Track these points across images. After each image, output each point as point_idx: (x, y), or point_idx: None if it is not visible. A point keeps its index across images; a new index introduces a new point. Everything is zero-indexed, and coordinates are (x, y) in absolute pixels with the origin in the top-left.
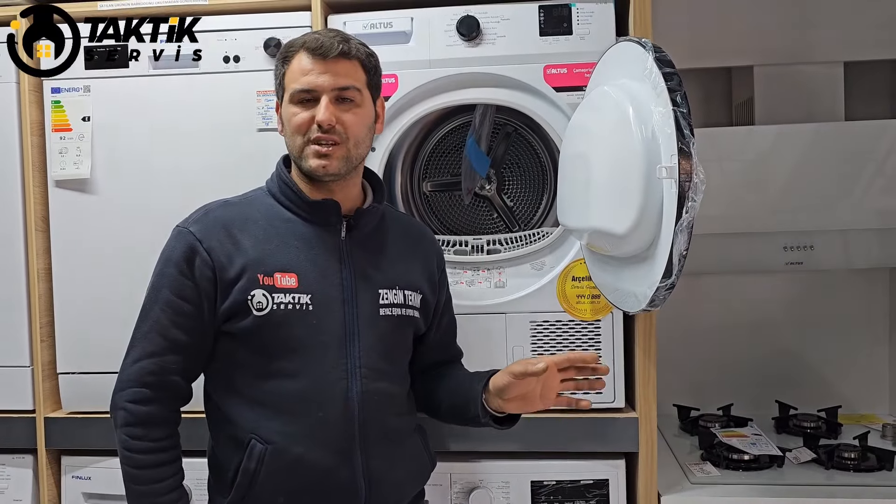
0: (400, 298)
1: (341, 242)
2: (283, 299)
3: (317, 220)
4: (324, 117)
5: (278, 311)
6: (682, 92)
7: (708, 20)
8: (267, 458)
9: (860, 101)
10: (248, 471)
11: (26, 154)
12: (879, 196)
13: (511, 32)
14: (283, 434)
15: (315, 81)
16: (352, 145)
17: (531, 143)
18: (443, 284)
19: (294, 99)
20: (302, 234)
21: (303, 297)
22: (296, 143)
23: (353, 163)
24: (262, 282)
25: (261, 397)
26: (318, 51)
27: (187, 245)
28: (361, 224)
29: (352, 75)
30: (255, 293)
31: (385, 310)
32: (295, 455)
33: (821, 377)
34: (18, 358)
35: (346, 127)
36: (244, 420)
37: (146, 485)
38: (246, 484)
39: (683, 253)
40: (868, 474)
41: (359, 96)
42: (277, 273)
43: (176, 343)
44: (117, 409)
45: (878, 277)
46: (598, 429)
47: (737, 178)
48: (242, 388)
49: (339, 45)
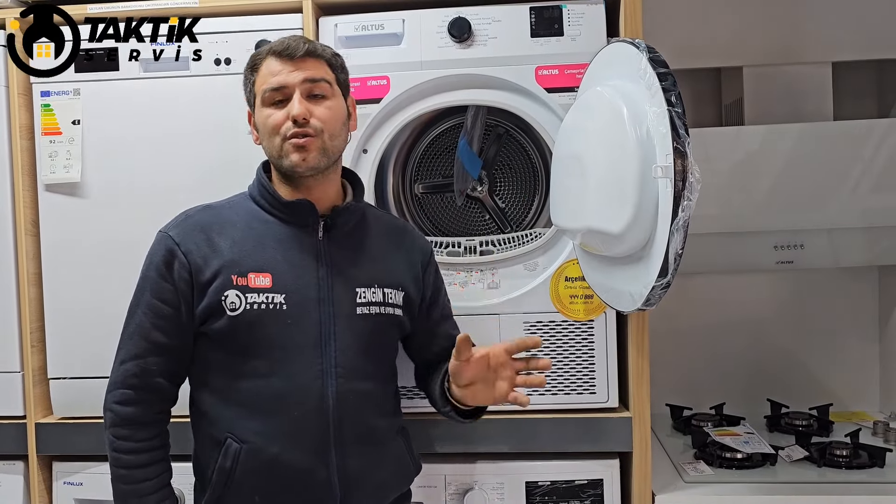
0: (379, 297)
1: (318, 242)
2: (257, 299)
3: (294, 221)
4: (298, 111)
5: (251, 310)
6: (676, 92)
7: (697, 21)
8: (242, 458)
9: (848, 101)
10: (224, 470)
11: (16, 157)
12: (868, 195)
13: (502, 34)
14: (259, 433)
15: (286, 79)
16: (327, 137)
17: (523, 144)
18: (429, 279)
19: (266, 101)
20: (279, 234)
21: (277, 296)
22: (273, 144)
23: (331, 156)
24: (236, 282)
25: (237, 397)
26: (285, 52)
27: (166, 249)
28: (339, 223)
29: (320, 70)
30: (229, 293)
31: (363, 308)
32: (270, 455)
33: (812, 375)
34: (9, 363)
35: (320, 120)
36: (221, 419)
37: (131, 484)
38: (222, 483)
39: (679, 252)
40: (860, 471)
41: (329, 90)
42: (251, 273)
43: (157, 345)
44: (105, 410)
45: (867, 276)
46: (592, 429)
47: (727, 178)
48: (219, 387)
49: (305, 45)
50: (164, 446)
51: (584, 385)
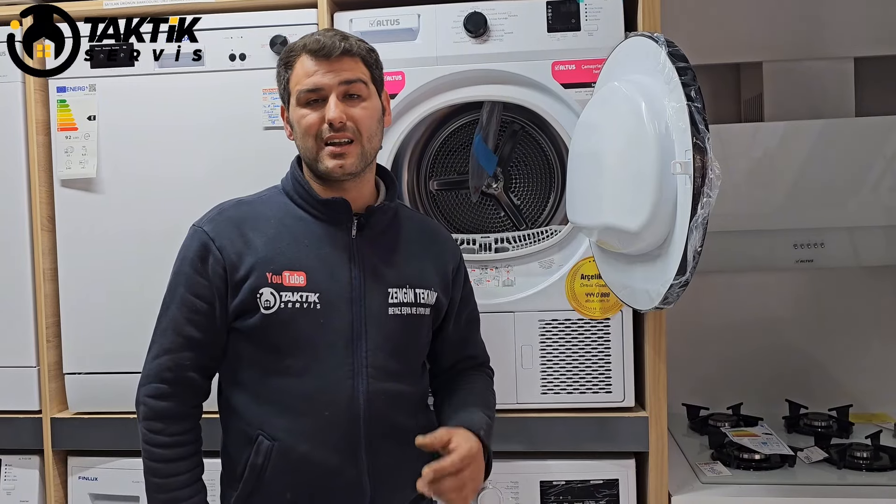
0: (410, 297)
1: (351, 241)
2: (291, 298)
3: (328, 219)
4: (334, 115)
5: (286, 309)
6: (696, 87)
7: (716, 16)
8: (274, 455)
9: (871, 97)
10: (256, 466)
11: (32, 153)
12: (890, 193)
13: (518, 29)
14: (290, 432)
15: (321, 81)
16: (365, 140)
17: (538, 140)
18: (458, 284)
19: (301, 101)
20: (313, 232)
21: (311, 295)
22: (308, 146)
23: (368, 158)
24: (271, 280)
25: (268, 394)
26: (321, 52)
27: (201, 243)
28: (372, 222)
29: (356, 70)
30: (264, 291)
31: (394, 309)
32: (301, 453)
33: (832, 376)
34: (25, 358)
35: (357, 122)
36: (252, 416)
37: (163, 478)
38: (253, 479)
39: (698, 249)
40: (880, 474)
41: (365, 90)
42: (286, 271)
43: (190, 340)
44: (139, 403)
45: (888, 275)
46: (607, 428)
47: (746, 175)
48: (251, 384)
49: (341, 44)
50: (197, 441)
51: (599, 384)
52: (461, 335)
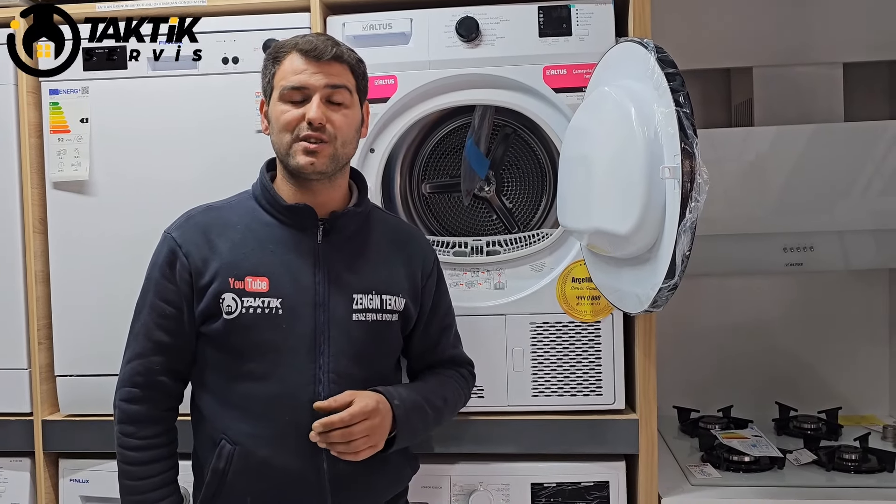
0: (377, 303)
1: (317, 246)
2: (253, 303)
3: (293, 224)
4: (315, 115)
5: (247, 314)
6: (684, 92)
7: (707, 21)
8: (235, 459)
9: (859, 102)
10: (218, 470)
11: (24, 155)
12: (879, 197)
13: (510, 33)
14: (251, 436)
15: (308, 80)
16: (339, 145)
17: (530, 144)
18: (428, 291)
19: (284, 97)
20: (279, 237)
21: (273, 301)
22: (283, 141)
23: (340, 162)
24: (233, 285)
25: (231, 399)
26: (312, 53)
27: (169, 249)
28: (339, 227)
29: (343, 76)
30: (226, 297)
31: (359, 315)
32: (261, 457)
33: (821, 378)
34: (16, 360)
35: (335, 127)
36: (217, 419)
37: (136, 480)
38: (216, 483)
39: (686, 253)
40: (869, 476)
41: (349, 98)
42: (249, 277)
43: (160, 344)
44: (114, 407)
45: (877, 278)
46: (598, 430)
47: (736, 179)
48: (216, 388)
49: (332, 49)
50: (171, 444)
51: (590, 387)
52: (434, 340)
